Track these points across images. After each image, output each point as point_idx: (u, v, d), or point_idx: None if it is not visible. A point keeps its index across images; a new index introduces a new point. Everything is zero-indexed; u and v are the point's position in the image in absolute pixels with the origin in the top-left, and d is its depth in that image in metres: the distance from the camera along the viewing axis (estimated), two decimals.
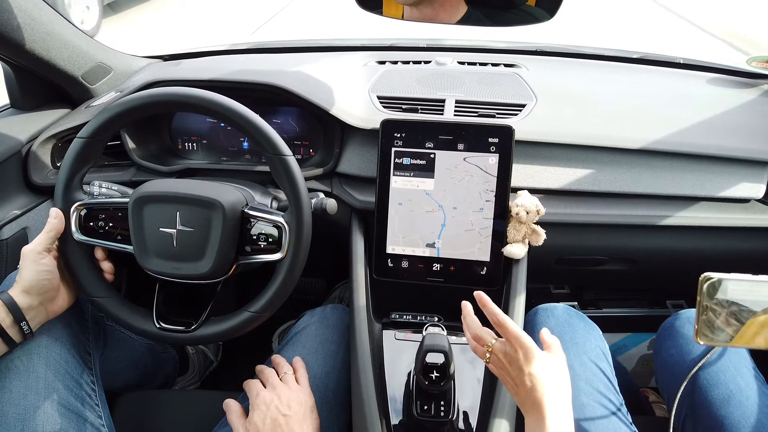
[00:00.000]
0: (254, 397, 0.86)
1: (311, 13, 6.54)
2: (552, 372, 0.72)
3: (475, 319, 0.82)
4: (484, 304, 0.79)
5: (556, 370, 0.73)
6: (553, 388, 0.70)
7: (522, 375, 0.72)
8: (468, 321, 0.82)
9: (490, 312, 0.78)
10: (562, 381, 0.73)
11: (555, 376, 0.72)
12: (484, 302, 0.79)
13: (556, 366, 0.73)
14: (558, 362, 0.74)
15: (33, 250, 0.84)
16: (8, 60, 1.10)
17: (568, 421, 0.70)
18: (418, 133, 1.01)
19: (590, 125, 1.10)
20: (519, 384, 0.73)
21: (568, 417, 0.70)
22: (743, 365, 0.93)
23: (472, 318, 0.82)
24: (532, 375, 0.71)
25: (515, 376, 0.73)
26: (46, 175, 1.14)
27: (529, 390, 0.71)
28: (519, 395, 0.73)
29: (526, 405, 0.72)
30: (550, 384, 0.70)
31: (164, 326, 0.90)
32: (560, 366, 0.74)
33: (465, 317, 0.83)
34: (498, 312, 0.77)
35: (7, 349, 0.81)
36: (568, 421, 0.70)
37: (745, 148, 1.07)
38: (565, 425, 0.69)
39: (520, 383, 0.72)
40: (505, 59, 1.39)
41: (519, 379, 0.72)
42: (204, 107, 0.86)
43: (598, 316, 1.42)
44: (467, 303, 0.84)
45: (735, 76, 1.36)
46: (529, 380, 0.71)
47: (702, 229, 1.09)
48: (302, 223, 0.87)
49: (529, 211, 0.98)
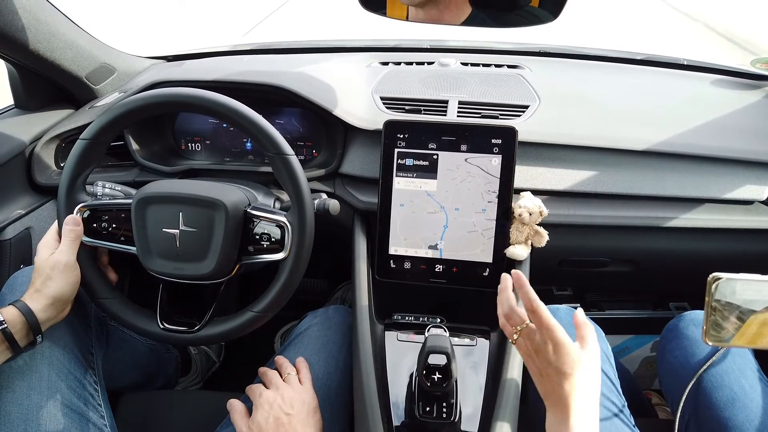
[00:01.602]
0: (257, 396, 0.86)
1: (314, 13, 6.55)
2: (582, 371, 0.68)
3: (512, 296, 0.77)
4: (521, 285, 0.74)
5: (586, 369, 0.69)
6: (581, 388, 0.67)
7: (548, 368, 0.69)
8: (503, 297, 0.77)
9: (526, 295, 0.73)
10: (592, 381, 0.69)
11: (585, 375, 0.68)
12: (521, 283, 0.74)
13: (587, 364, 0.69)
14: (590, 359, 0.70)
15: (67, 263, 0.83)
16: (13, 60, 1.10)
17: (593, 423, 0.67)
18: (421, 134, 1.01)
19: (593, 126, 1.09)
20: (544, 376, 0.70)
21: (593, 418, 0.68)
22: (748, 367, 0.93)
23: (509, 294, 0.77)
24: (560, 372, 0.68)
25: (541, 367, 0.70)
26: (50, 176, 1.14)
27: (555, 385, 0.68)
28: (543, 386, 0.71)
29: (550, 399, 0.69)
30: (579, 383, 0.67)
31: (168, 327, 0.90)
32: (592, 363, 0.70)
33: (502, 291, 0.78)
34: (534, 297, 0.72)
35: (13, 354, 0.80)
36: (593, 423, 0.67)
37: (748, 149, 1.06)
38: (591, 427, 0.67)
39: (545, 375, 0.70)
40: (508, 60, 1.39)
41: (545, 371, 0.70)
42: (206, 107, 0.86)
43: (600, 318, 1.42)
44: (507, 276, 0.78)
45: (739, 77, 1.35)
46: (555, 375, 0.68)
47: (705, 231, 1.08)
48: (305, 222, 0.86)
49: (532, 213, 0.97)
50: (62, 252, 0.84)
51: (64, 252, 0.84)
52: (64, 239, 0.86)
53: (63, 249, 0.84)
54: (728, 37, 5.70)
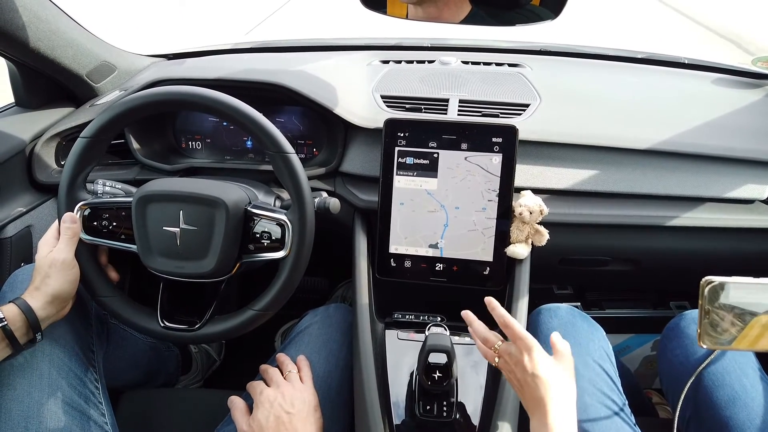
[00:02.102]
0: (258, 394, 0.86)
1: (315, 12, 6.55)
2: (556, 374, 0.72)
3: (481, 324, 0.84)
4: (492, 307, 0.81)
5: (560, 373, 0.73)
6: (556, 389, 0.70)
7: (526, 375, 0.72)
8: (474, 327, 0.84)
9: (497, 314, 0.79)
10: (567, 383, 0.73)
11: (559, 378, 0.72)
12: (492, 306, 0.81)
13: (560, 368, 0.73)
14: (564, 366, 0.74)
15: (64, 260, 0.83)
16: (13, 58, 1.10)
17: (571, 422, 0.70)
18: (422, 133, 1.01)
19: (594, 125, 1.09)
20: (523, 384, 0.73)
21: (571, 418, 0.70)
22: (749, 366, 0.93)
23: (477, 323, 0.84)
24: (536, 376, 0.71)
25: (520, 377, 0.74)
26: (50, 174, 1.14)
27: (532, 390, 0.71)
28: (524, 395, 0.74)
29: (530, 405, 0.72)
30: (554, 385, 0.70)
31: (168, 325, 0.90)
32: (566, 369, 0.74)
33: (470, 324, 0.84)
34: (504, 314, 0.79)
35: (13, 351, 0.80)
36: (571, 423, 0.70)
37: (749, 148, 1.06)
38: (568, 426, 0.69)
39: (524, 383, 0.73)
40: (509, 59, 1.39)
41: (524, 379, 0.73)
42: (207, 106, 0.86)
43: (601, 317, 1.42)
44: (468, 312, 0.86)
45: (740, 76, 1.35)
46: (532, 380, 0.71)
47: (706, 230, 1.08)
48: (305, 220, 0.86)
49: (533, 211, 0.97)
50: (60, 250, 0.84)
51: (62, 250, 0.84)
52: (62, 237, 0.86)
53: (61, 247, 0.85)
54: (730, 38, 5.69)
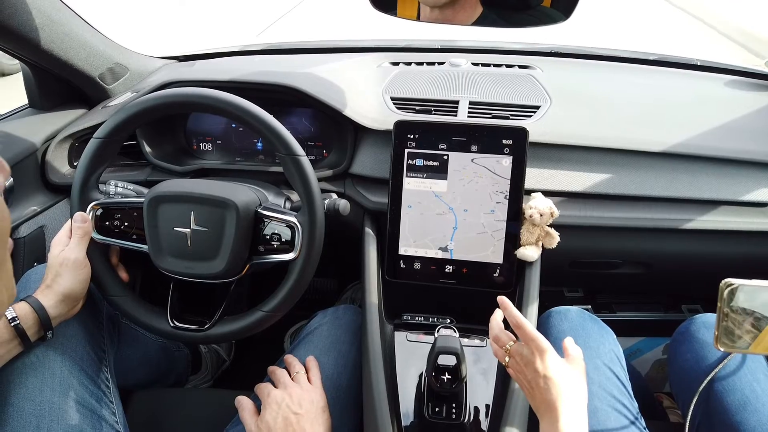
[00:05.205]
0: (266, 396, 0.86)
1: (325, 13, 6.56)
2: (567, 377, 0.71)
3: (500, 321, 0.83)
4: (505, 307, 0.80)
5: (571, 376, 0.72)
6: (568, 392, 0.70)
7: (537, 377, 0.71)
8: (493, 322, 0.83)
9: (510, 314, 0.79)
10: (578, 387, 0.72)
11: (570, 381, 0.71)
12: (505, 305, 0.80)
13: (572, 371, 0.73)
14: (575, 369, 0.74)
15: (75, 259, 0.85)
16: (27, 60, 1.11)
17: (582, 426, 0.69)
18: (432, 135, 1.01)
19: (605, 127, 1.09)
20: (534, 386, 0.72)
21: (582, 422, 0.69)
22: (760, 371, 0.92)
23: (498, 320, 0.83)
24: (547, 378, 0.70)
25: (531, 378, 0.73)
26: (63, 175, 1.15)
27: (543, 392, 0.70)
28: (534, 398, 0.73)
29: (541, 408, 0.71)
30: (565, 388, 0.70)
31: (178, 325, 0.91)
32: (577, 372, 0.74)
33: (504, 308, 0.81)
34: (517, 314, 0.78)
35: (24, 349, 0.81)
36: (582, 426, 0.69)
37: (763, 151, 1.05)
38: (579, 430, 0.68)
39: (535, 385, 0.72)
40: (519, 60, 1.38)
41: (534, 381, 0.72)
42: (218, 107, 0.87)
43: (612, 320, 1.40)
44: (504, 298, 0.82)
45: (753, 78, 1.34)
46: (543, 382, 0.71)
47: (719, 233, 1.07)
48: (315, 222, 0.87)
49: (543, 214, 0.97)
50: (71, 249, 0.85)
51: (73, 249, 0.85)
52: (73, 236, 0.87)
53: (72, 246, 0.86)
54: (740, 40, 5.64)
